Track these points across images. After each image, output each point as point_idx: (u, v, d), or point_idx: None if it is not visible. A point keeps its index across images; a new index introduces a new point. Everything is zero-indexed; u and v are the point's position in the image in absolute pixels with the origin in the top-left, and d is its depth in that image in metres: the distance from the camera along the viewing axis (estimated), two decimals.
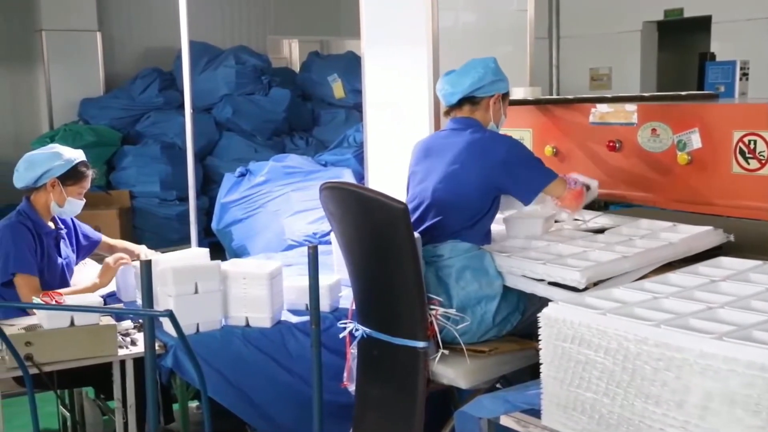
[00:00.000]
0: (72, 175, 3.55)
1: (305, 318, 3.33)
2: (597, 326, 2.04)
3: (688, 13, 8.77)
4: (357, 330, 3.03)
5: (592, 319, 2.06)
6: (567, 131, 3.73)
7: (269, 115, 8.39)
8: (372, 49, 4.46)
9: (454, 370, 2.86)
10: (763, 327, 1.92)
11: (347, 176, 6.29)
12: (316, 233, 5.54)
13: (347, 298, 3.32)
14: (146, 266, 2.55)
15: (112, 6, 9.02)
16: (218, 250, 5.96)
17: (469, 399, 2.72)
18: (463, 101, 3.17)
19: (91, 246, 3.78)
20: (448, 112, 3.26)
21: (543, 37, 8.32)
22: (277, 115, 8.42)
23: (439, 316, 2.86)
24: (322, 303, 3.10)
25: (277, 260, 3.96)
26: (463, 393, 3.01)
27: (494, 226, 3.24)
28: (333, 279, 3.58)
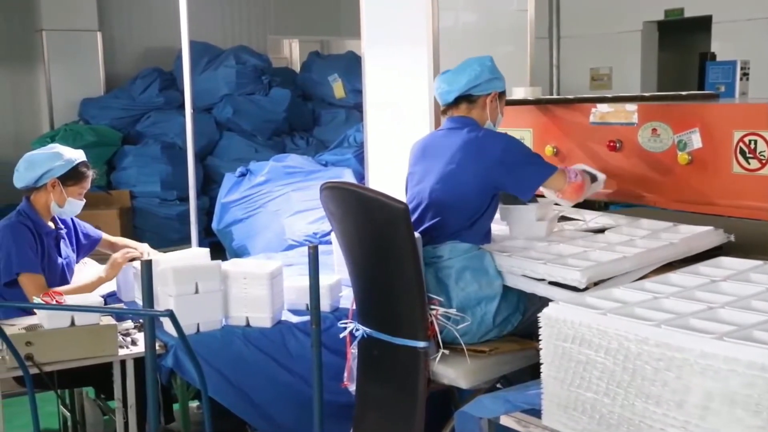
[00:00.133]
0: (72, 176, 3.54)
1: (306, 318, 3.33)
2: (597, 326, 2.04)
3: (688, 13, 8.77)
4: (357, 330, 3.03)
5: (592, 319, 2.06)
6: (567, 131, 3.73)
7: (269, 115, 8.39)
8: (372, 49, 4.45)
9: (454, 370, 2.86)
10: (763, 327, 1.92)
11: (348, 176, 6.29)
12: (316, 233, 5.54)
13: (348, 298, 3.32)
14: (147, 266, 2.55)
15: (112, 6, 9.02)
16: (219, 250, 5.96)
17: (469, 399, 2.72)
18: (460, 100, 3.17)
19: (91, 244, 3.78)
20: (445, 111, 3.25)
21: (543, 37, 8.31)
22: (277, 115, 8.42)
23: (439, 316, 2.86)
24: (322, 303, 3.10)
25: (278, 260, 3.95)
26: (463, 393, 3.01)
27: (494, 226, 3.24)
28: (333, 279, 3.58)
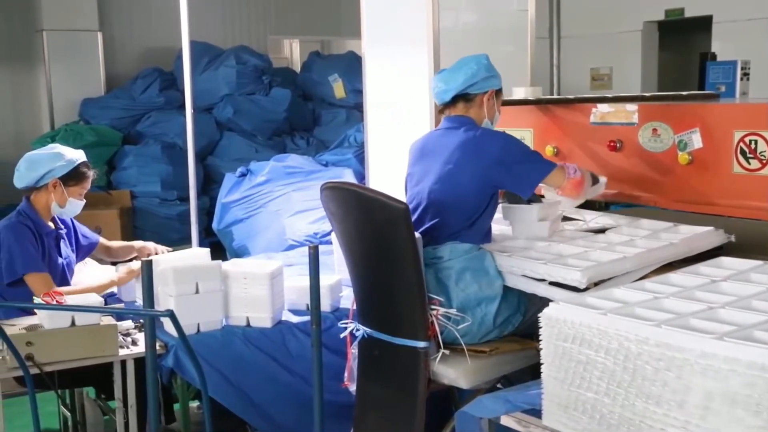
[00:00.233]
0: (74, 176, 3.54)
1: (306, 318, 3.33)
2: (598, 326, 2.04)
3: (688, 13, 8.77)
4: (358, 330, 3.03)
5: (592, 319, 2.06)
6: (568, 131, 3.73)
7: (270, 115, 8.39)
8: (373, 48, 4.45)
9: (454, 370, 2.86)
10: (763, 327, 1.92)
11: (348, 176, 6.29)
12: (316, 233, 5.54)
13: (348, 298, 3.32)
14: (147, 266, 2.56)
15: (112, 6, 9.02)
16: (219, 250, 5.96)
17: (469, 399, 2.72)
18: (457, 99, 3.16)
19: (90, 246, 3.78)
20: (442, 110, 3.25)
21: (544, 37, 8.30)
22: (277, 115, 8.42)
23: (439, 316, 2.85)
24: (322, 303, 3.10)
25: (278, 260, 3.95)
26: (463, 393, 3.01)
27: (495, 226, 3.24)
28: (334, 279, 3.58)
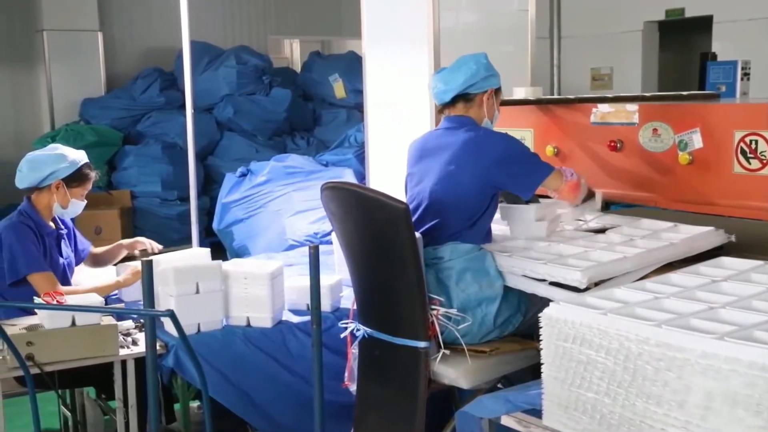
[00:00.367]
0: (76, 177, 3.55)
1: (306, 318, 3.34)
2: (598, 326, 2.04)
3: (689, 13, 8.77)
4: (358, 330, 3.03)
5: (593, 319, 2.06)
6: (568, 131, 3.73)
7: (270, 115, 8.39)
8: (373, 48, 4.45)
9: (455, 370, 2.86)
10: (764, 327, 1.92)
11: (348, 176, 6.28)
12: (317, 233, 5.53)
13: (348, 298, 3.32)
14: (147, 266, 2.56)
15: (113, 6, 9.02)
16: (219, 250, 5.96)
17: (470, 399, 2.72)
18: (457, 99, 3.15)
19: (84, 252, 3.77)
20: (441, 110, 3.24)
21: (544, 37, 8.31)
22: (278, 115, 8.42)
23: (440, 316, 2.85)
24: (323, 303, 3.10)
25: (278, 260, 3.96)
26: (464, 393, 3.01)
27: (495, 226, 3.24)
28: (334, 279, 3.58)
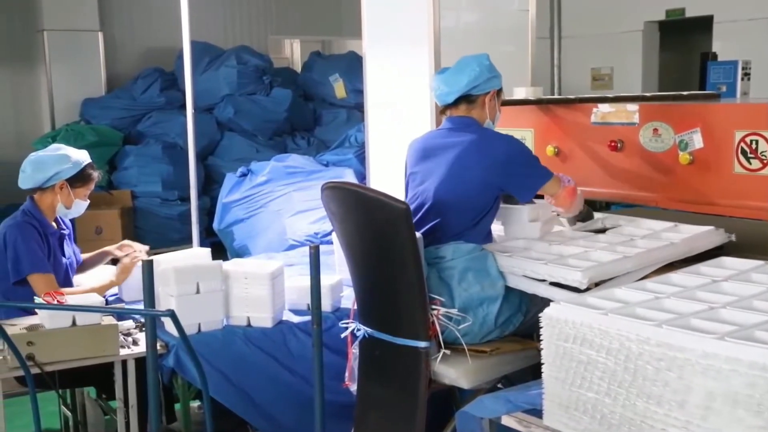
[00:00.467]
0: (80, 178, 3.56)
1: (307, 318, 3.34)
2: (599, 326, 2.04)
3: (689, 13, 8.77)
4: (358, 330, 3.03)
5: (593, 319, 2.06)
6: (568, 131, 3.73)
7: (271, 115, 8.39)
8: (373, 48, 4.45)
9: (455, 370, 2.86)
10: (765, 327, 1.92)
11: (349, 176, 6.28)
12: (317, 233, 5.54)
13: (349, 298, 3.32)
14: (148, 266, 2.56)
15: (113, 6, 9.02)
16: (220, 250, 5.96)
17: (470, 399, 2.72)
18: (460, 100, 3.15)
19: (78, 255, 3.77)
20: (443, 110, 3.24)
21: (544, 37, 8.33)
22: (278, 115, 8.41)
23: (440, 316, 2.85)
24: (323, 303, 3.10)
25: (279, 260, 3.96)
26: (464, 393, 3.01)
27: (494, 227, 3.24)
28: (334, 279, 3.58)
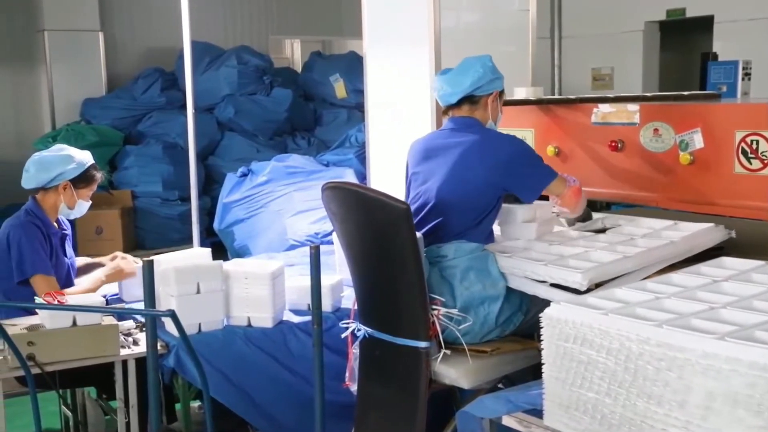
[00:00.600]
0: (84, 178, 3.56)
1: (307, 318, 3.34)
2: (599, 326, 2.04)
3: (690, 13, 8.76)
4: (359, 330, 3.03)
5: (594, 319, 2.06)
6: (569, 131, 3.73)
7: (271, 115, 8.38)
8: (374, 48, 4.45)
9: (456, 370, 2.86)
10: (765, 327, 1.92)
11: (349, 176, 6.28)
12: (318, 233, 5.54)
13: (349, 298, 3.33)
14: (149, 266, 2.56)
15: (114, 6, 9.02)
16: (220, 250, 5.96)
17: (471, 399, 2.72)
18: (463, 101, 3.16)
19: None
20: (446, 111, 3.25)
21: (545, 37, 8.32)
22: (279, 115, 8.41)
23: (441, 316, 2.85)
24: (324, 303, 3.10)
25: (279, 260, 3.96)
26: (465, 393, 3.01)
27: (495, 227, 3.24)
28: (335, 279, 3.58)
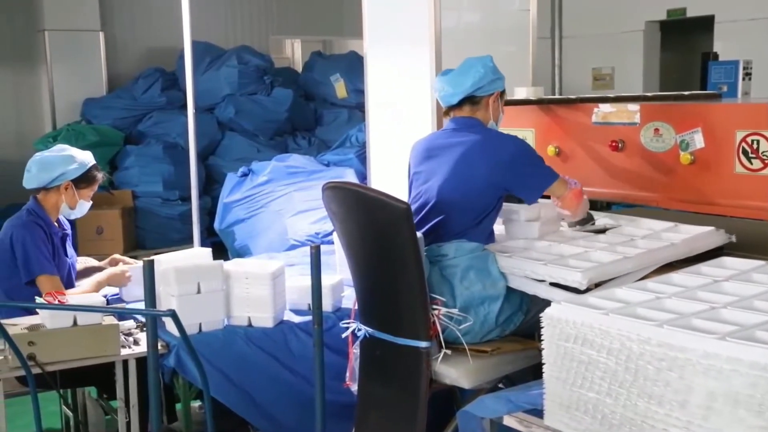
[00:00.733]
0: (85, 179, 3.57)
1: (307, 318, 3.34)
2: (600, 326, 2.04)
3: (690, 13, 8.76)
4: (359, 330, 3.03)
5: (594, 319, 2.06)
6: (570, 131, 3.73)
7: (272, 115, 8.38)
8: (374, 48, 4.45)
9: (456, 370, 2.86)
10: (766, 327, 1.92)
11: (350, 176, 6.28)
12: (318, 233, 5.53)
13: (350, 298, 3.33)
14: (149, 266, 2.56)
15: (114, 6, 9.02)
16: (221, 250, 5.96)
17: (471, 399, 2.72)
18: (464, 101, 3.16)
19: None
20: (447, 111, 3.25)
21: (545, 37, 8.31)
22: (279, 114, 8.41)
23: (441, 316, 2.86)
24: (324, 303, 3.11)
25: (280, 260, 3.96)
26: (465, 393, 3.01)
27: (496, 227, 3.24)
28: (335, 279, 3.58)
